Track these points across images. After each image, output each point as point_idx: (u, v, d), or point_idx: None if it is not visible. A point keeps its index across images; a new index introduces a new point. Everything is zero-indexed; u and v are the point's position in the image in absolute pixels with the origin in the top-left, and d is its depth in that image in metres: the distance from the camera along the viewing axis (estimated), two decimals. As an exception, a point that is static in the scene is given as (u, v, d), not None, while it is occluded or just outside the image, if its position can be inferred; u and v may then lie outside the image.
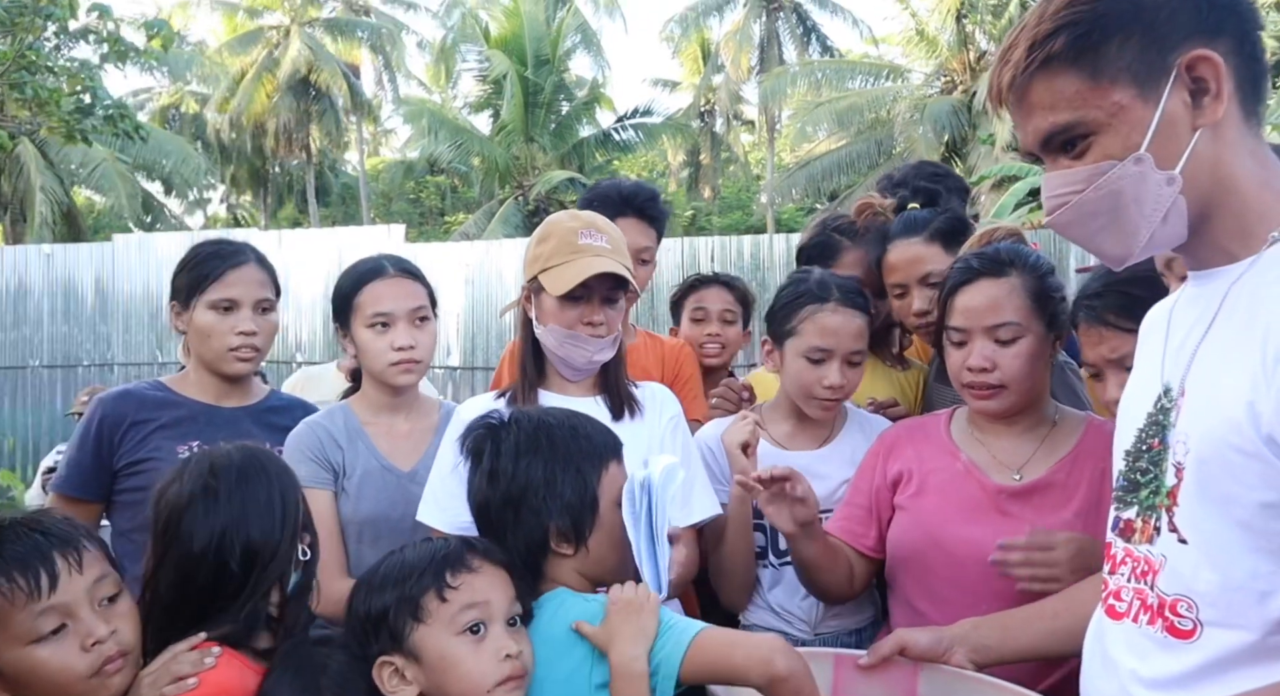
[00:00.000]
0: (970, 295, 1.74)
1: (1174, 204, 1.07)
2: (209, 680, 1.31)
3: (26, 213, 18.86)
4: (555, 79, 22.60)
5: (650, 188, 2.50)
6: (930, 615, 1.73)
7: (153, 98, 28.14)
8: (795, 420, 2.06)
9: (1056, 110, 1.09)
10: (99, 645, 1.28)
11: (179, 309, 2.15)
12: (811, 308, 1.96)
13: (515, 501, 1.44)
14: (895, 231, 2.18)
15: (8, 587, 1.25)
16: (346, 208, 29.92)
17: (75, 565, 1.30)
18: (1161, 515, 1.11)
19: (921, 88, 20.01)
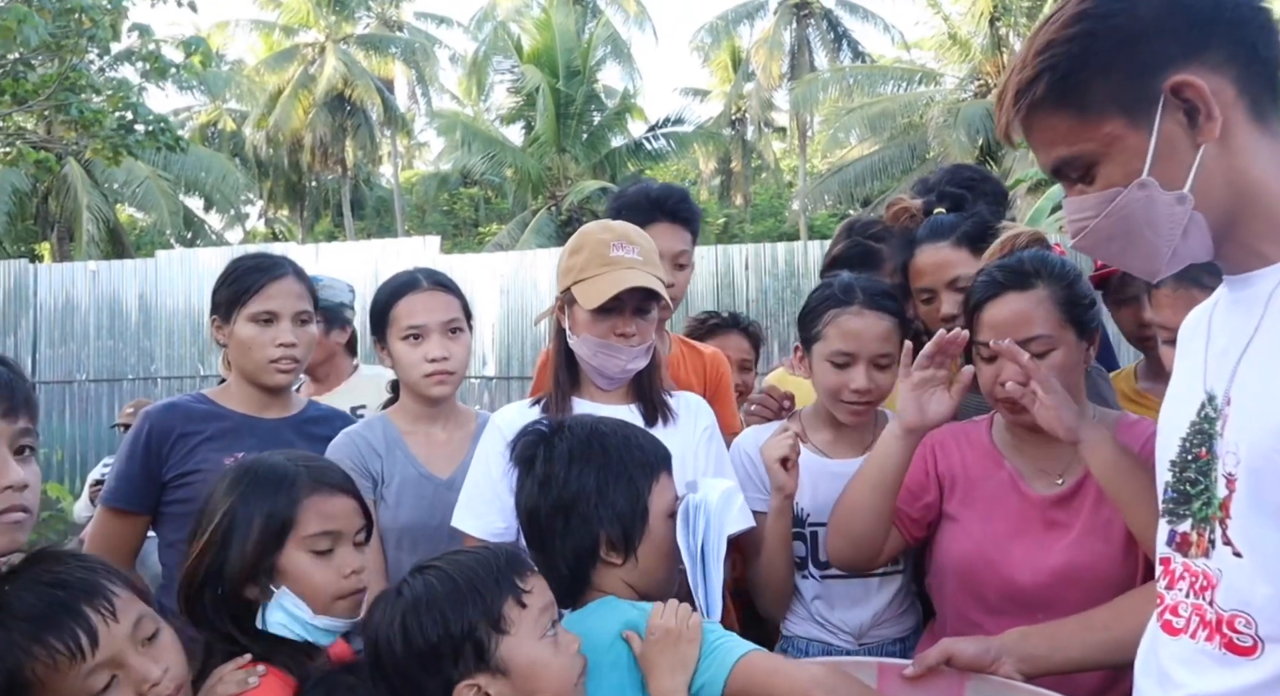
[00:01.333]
0: (997, 309, 1.71)
1: (1191, 220, 1.06)
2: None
3: (74, 231, 19.32)
4: (586, 90, 22.73)
5: (679, 188, 2.47)
6: (985, 625, 1.70)
7: (192, 116, 28.69)
8: (835, 427, 2.04)
9: (1055, 146, 1.12)
10: (155, 688, 1.24)
11: (220, 322, 2.18)
12: (835, 311, 1.94)
13: (566, 508, 1.45)
14: (922, 236, 2.17)
15: (47, 656, 1.17)
16: (381, 220, 30.26)
17: (109, 613, 1.23)
18: (1215, 527, 1.08)
19: (955, 92, 19.83)
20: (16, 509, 1.23)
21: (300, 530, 1.41)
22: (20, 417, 1.25)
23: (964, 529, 1.78)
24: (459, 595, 1.30)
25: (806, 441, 2.01)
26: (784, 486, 1.85)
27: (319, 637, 1.43)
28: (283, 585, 1.40)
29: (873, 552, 1.83)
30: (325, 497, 1.45)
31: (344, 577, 1.43)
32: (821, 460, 2.01)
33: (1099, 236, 1.11)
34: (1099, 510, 1.67)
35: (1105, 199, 1.08)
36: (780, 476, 1.85)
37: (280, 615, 1.40)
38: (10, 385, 1.25)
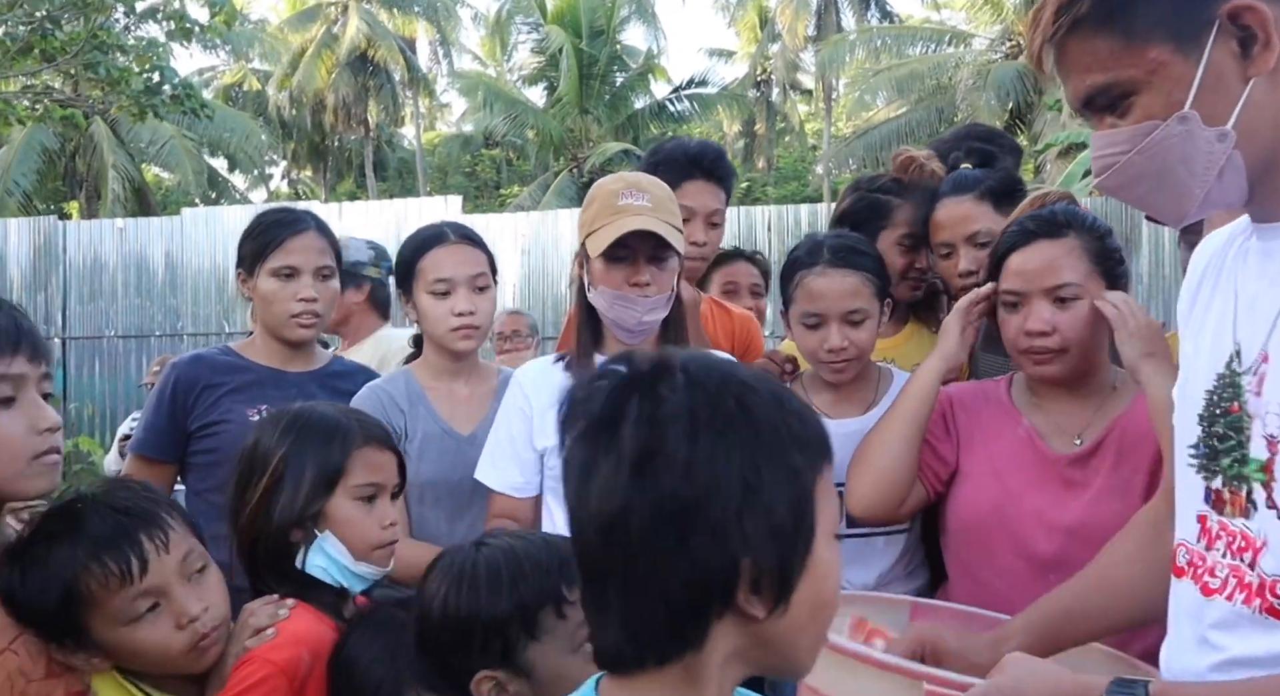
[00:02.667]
0: (1026, 256, 1.69)
1: (1229, 160, 1.01)
2: (286, 628, 1.37)
3: (100, 190, 19.48)
4: (610, 50, 22.48)
5: (715, 146, 2.42)
6: (994, 586, 1.70)
7: (216, 76, 28.67)
8: (836, 388, 2.03)
9: (1092, 72, 1.04)
10: (194, 623, 1.31)
11: (244, 276, 2.20)
12: (801, 273, 1.94)
13: (688, 512, 0.77)
14: (945, 189, 2.13)
15: (101, 574, 1.26)
16: (404, 182, 30.24)
17: (162, 545, 1.31)
18: (1254, 488, 1.05)
19: (985, 53, 19.45)
20: (53, 451, 1.29)
21: (349, 479, 1.46)
22: (42, 362, 1.30)
23: (978, 486, 1.78)
24: (498, 586, 1.23)
25: (809, 402, 1.99)
26: None
27: (354, 583, 1.48)
28: (326, 530, 1.45)
29: (899, 498, 1.80)
30: (374, 450, 1.50)
31: (382, 528, 1.48)
32: (824, 420, 1.97)
33: (1128, 174, 1.05)
34: (1118, 470, 1.66)
35: (1140, 132, 1.03)
36: None
37: (320, 558, 1.45)
38: (32, 332, 1.30)
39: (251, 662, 1.33)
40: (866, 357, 1.98)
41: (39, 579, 1.26)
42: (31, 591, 1.26)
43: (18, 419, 1.25)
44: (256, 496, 1.45)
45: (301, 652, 1.35)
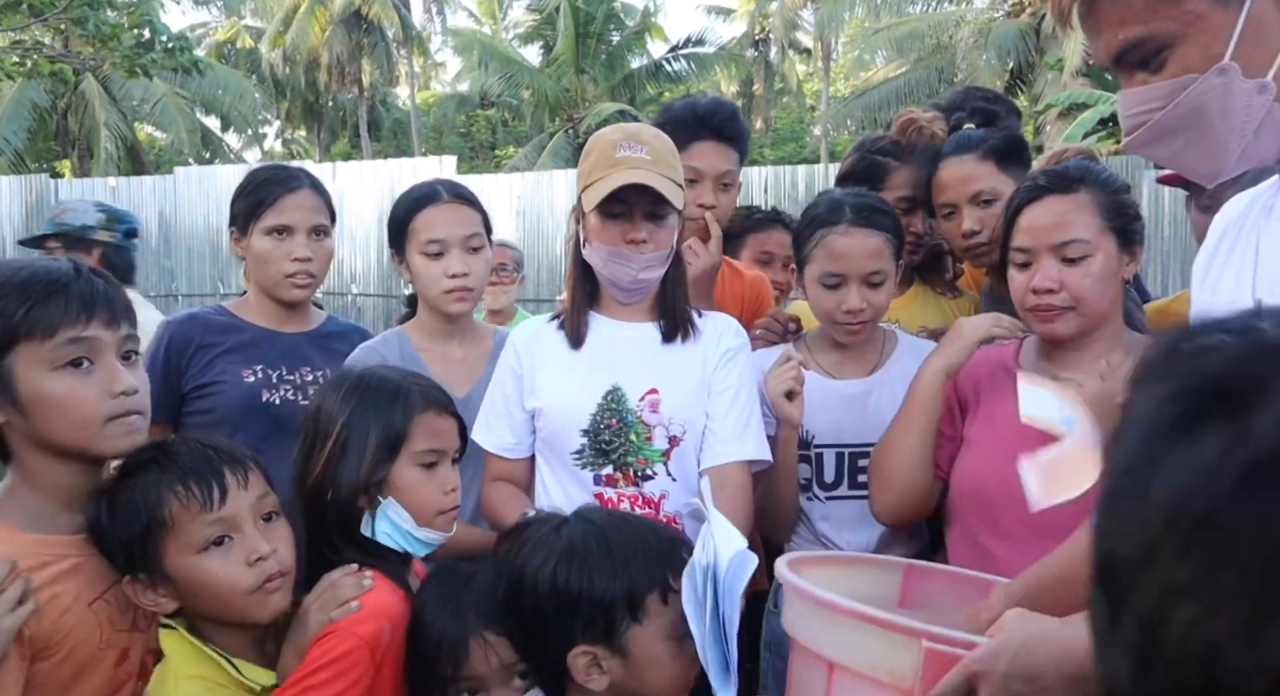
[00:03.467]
0: (1036, 213, 1.65)
1: (1269, 114, 0.98)
2: (369, 601, 1.36)
3: (93, 148, 19.27)
4: (607, 8, 22.16)
5: (729, 104, 2.31)
6: (995, 552, 1.68)
7: (209, 33, 28.26)
8: (840, 349, 2.00)
9: (1126, 25, 1.00)
10: (262, 561, 1.33)
11: (238, 235, 2.17)
12: (822, 231, 1.89)
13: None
14: (948, 149, 2.10)
15: (184, 495, 1.31)
16: (398, 142, 29.96)
17: (242, 481, 1.35)
18: None
19: (986, 11, 19.20)
20: (132, 412, 1.32)
21: (411, 445, 1.44)
22: (122, 325, 1.33)
23: (980, 451, 1.76)
24: (611, 565, 1.31)
25: (812, 363, 1.98)
26: (790, 418, 1.83)
27: (418, 549, 1.47)
28: (390, 497, 1.44)
29: (924, 503, 1.80)
30: (435, 416, 1.48)
31: (444, 494, 1.47)
32: (828, 382, 1.98)
33: (1162, 130, 1.01)
34: None
35: (1177, 87, 0.99)
36: (785, 409, 1.82)
37: (385, 525, 1.44)
38: (109, 295, 1.33)
39: (336, 635, 1.32)
40: (879, 320, 1.96)
41: (126, 506, 1.32)
42: (119, 519, 1.31)
43: (93, 382, 1.29)
44: (321, 463, 1.44)
45: (384, 625, 1.35)
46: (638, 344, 1.85)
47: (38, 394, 1.27)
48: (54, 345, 1.26)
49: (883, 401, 1.94)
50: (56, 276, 1.29)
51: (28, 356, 1.26)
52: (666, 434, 1.79)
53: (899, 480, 1.79)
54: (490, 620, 1.39)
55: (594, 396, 1.79)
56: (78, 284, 1.29)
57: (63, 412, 1.28)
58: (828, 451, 1.97)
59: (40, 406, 1.27)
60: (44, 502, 1.33)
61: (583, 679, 1.30)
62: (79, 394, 1.28)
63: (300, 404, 2.11)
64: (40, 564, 1.28)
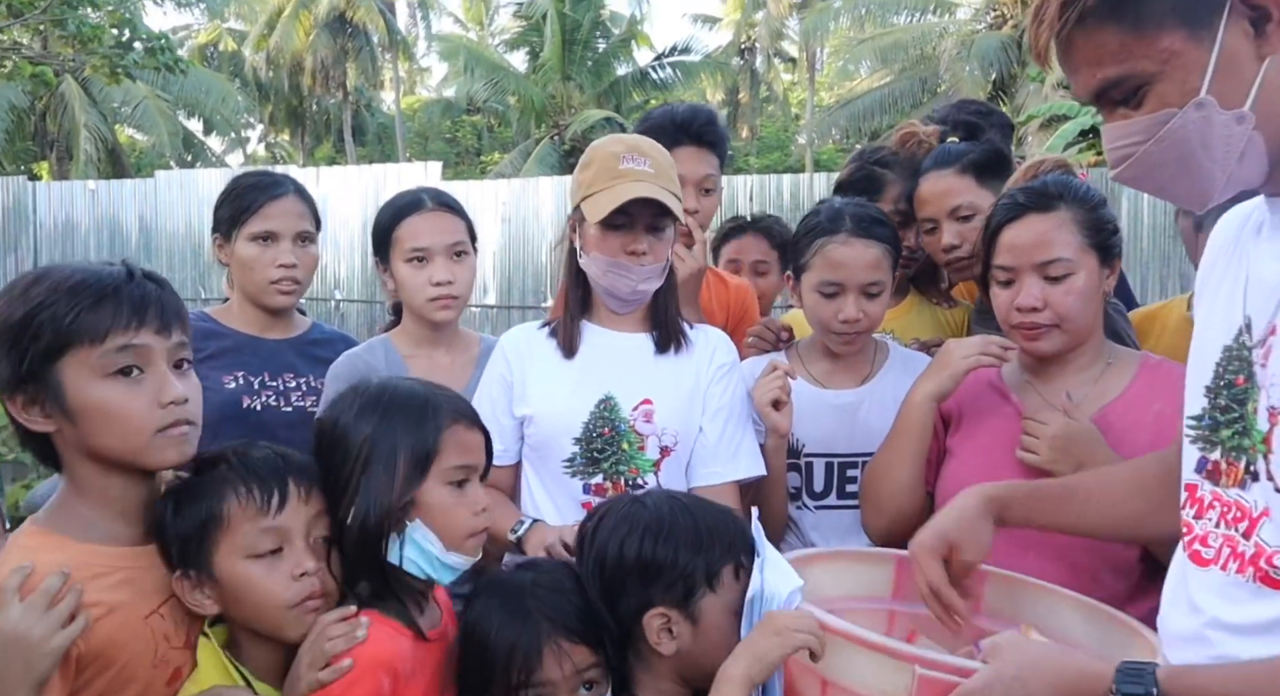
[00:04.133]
0: (1017, 231, 1.67)
1: (1249, 142, 1.00)
2: (363, 655, 1.27)
3: (72, 150, 19.09)
4: (593, 16, 22.19)
5: (707, 110, 2.34)
6: None
7: (191, 35, 28.11)
8: (832, 358, 2.01)
9: (1103, 65, 1.03)
10: (307, 577, 1.30)
11: (221, 241, 2.16)
12: (821, 240, 1.90)
13: None
14: (927, 164, 2.11)
15: (244, 496, 1.30)
16: (383, 147, 29.88)
17: (304, 494, 1.33)
18: (1256, 459, 1.05)
19: (969, 23, 19.36)
20: (182, 423, 1.29)
21: (441, 462, 1.35)
22: (174, 332, 1.30)
23: (962, 463, 1.78)
24: (697, 538, 1.38)
25: (803, 373, 1.99)
26: (777, 427, 1.84)
27: (443, 575, 1.38)
28: (416, 519, 1.35)
29: (915, 522, 1.77)
30: (465, 429, 1.39)
31: (475, 514, 1.38)
32: (818, 391, 1.99)
33: (1147, 164, 1.04)
34: (1116, 449, 1.63)
35: (1157, 122, 1.01)
36: (774, 419, 1.82)
37: (412, 550, 1.35)
38: (161, 301, 1.29)
39: None
40: (874, 330, 1.97)
41: (190, 501, 1.31)
42: (183, 513, 1.30)
43: (143, 392, 1.25)
44: (344, 485, 1.34)
45: (380, 680, 1.28)
46: (631, 354, 1.86)
47: (86, 402, 1.24)
48: (103, 352, 1.23)
49: (873, 412, 1.96)
50: (108, 281, 1.26)
51: (77, 363, 1.23)
52: (659, 444, 1.80)
53: (892, 506, 1.80)
54: (563, 627, 1.38)
55: (586, 404, 1.80)
56: (129, 288, 1.26)
57: (111, 422, 1.24)
58: (817, 461, 1.98)
59: (88, 415, 1.24)
60: (97, 512, 1.30)
61: (655, 640, 1.36)
62: (128, 404, 1.25)
63: (282, 410, 2.11)
64: (94, 574, 1.25)
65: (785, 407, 1.83)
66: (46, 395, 1.24)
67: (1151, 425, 1.63)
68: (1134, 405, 1.67)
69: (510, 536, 1.72)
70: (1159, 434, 1.60)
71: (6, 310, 1.25)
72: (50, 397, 1.24)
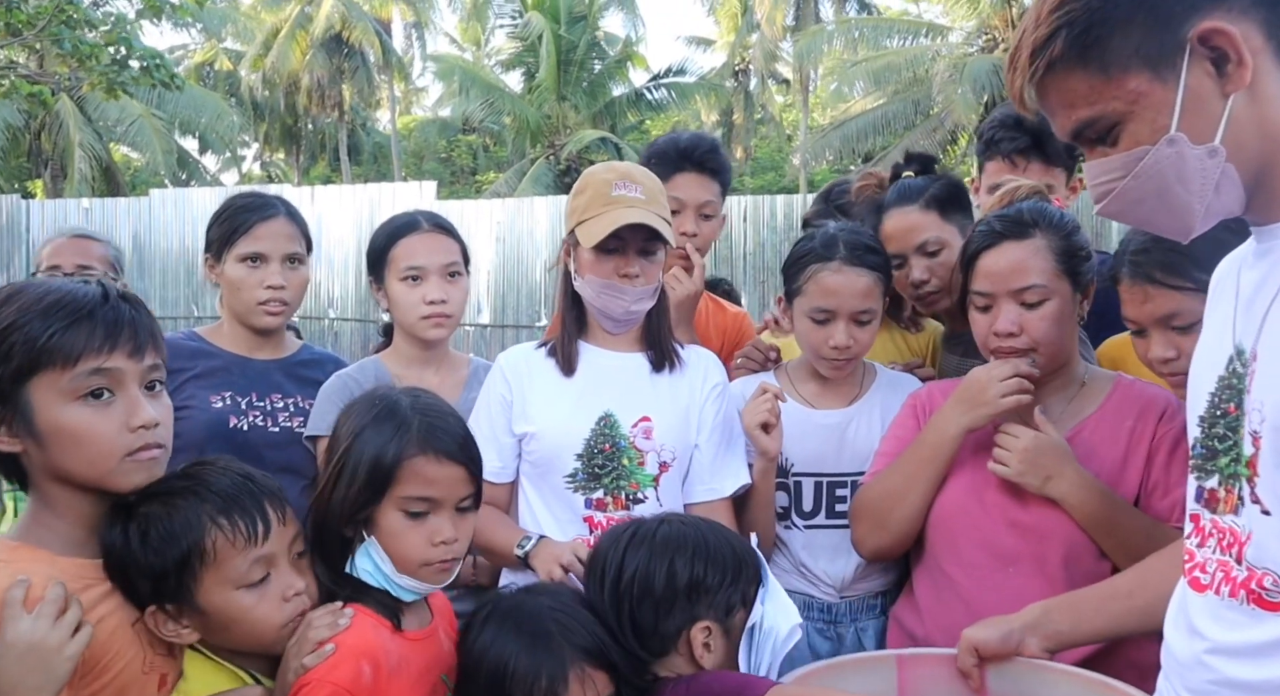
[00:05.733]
0: (994, 258, 1.71)
1: (1223, 173, 1.03)
2: (345, 641, 1.30)
3: (66, 168, 19.11)
4: (589, 37, 22.37)
5: (709, 139, 2.41)
6: (957, 578, 1.73)
7: (187, 55, 28.24)
8: (821, 380, 2.04)
9: (1076, 108, 1.08)
10: (298, 597, 1.32)
11: (212, 261, 2.16)
12: (815, 266, 1.93)
13: None
14: (889, 201, 2.14)
15: (230, 530, 1.27)
16: (378, 166, 29.97)
17: (281, 517, 1.33)
18: (1243, 485, 1.07)
19: (961, 46, 19.54)
20: (152, 446, 1.28)
21: (397, 489, 1.36)
22: (148, 354, 1.28)
23: (950, 481, 1.79)
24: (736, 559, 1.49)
25: (792, 393, 2.02)
26: (766, 450, 1.86)
27: (400, 594, 1.40)
28: (372, 535, 1.37)
29: (910, 542, 1.83)
30: (430, 461, 1.37)
31: (433, 546, 1.37)
32: (807, 411, 2.01)
33: (1127, 199, 1.08)
34: (1087, 463, 1.68)
35: (1133, 159, 1.05)
36: (763, 442, 1.85)
37: (366, 563, 1.38)
38: (135, 323, 1.27)
39: (311, 686, 1.27)
40: (863, 356, 2.00)
41: (161, 533, 1.26)
42: (151, 547, 1.26)
43: (113, 416, 1.24)
44: (324, 482, 1.39)
45: (361, 666, 1.30)
46: (628, 372, 1.91)
47: (55, 425, 1.22)
48: (74, 375, 1.21)
49: (861, 432, 1.99)
50: (83, 302, 1.24)
51: (47, 385, 1.21)
52: (658, 459, 1.86)
53: (901, 529, 1.81)
54: (586, 652, 1.39)
55: (587, 422, 1.85)
56: (104, 310, 1.24)
57: (79, 446, 1.23)
58: (806, 480, 2.00)
59: (56, 438, 1.23)
60: (71, 529, 1.29)
61: (699, 653, 1.43)
62: (97, 427, 1.23)
63: (270, 430, 2.11)
64: (84, 586, 1.25)
65: (774, 430, 1.86)
66: (15, 416, 1.22)
67: (1124, 441, 1.68)
68: (1106, 422, 1.72)
69: (517, 552, 1.75)
70: (1130, 449, 1.67)
71: None
72: (18, 418, 1.22)
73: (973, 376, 1.74)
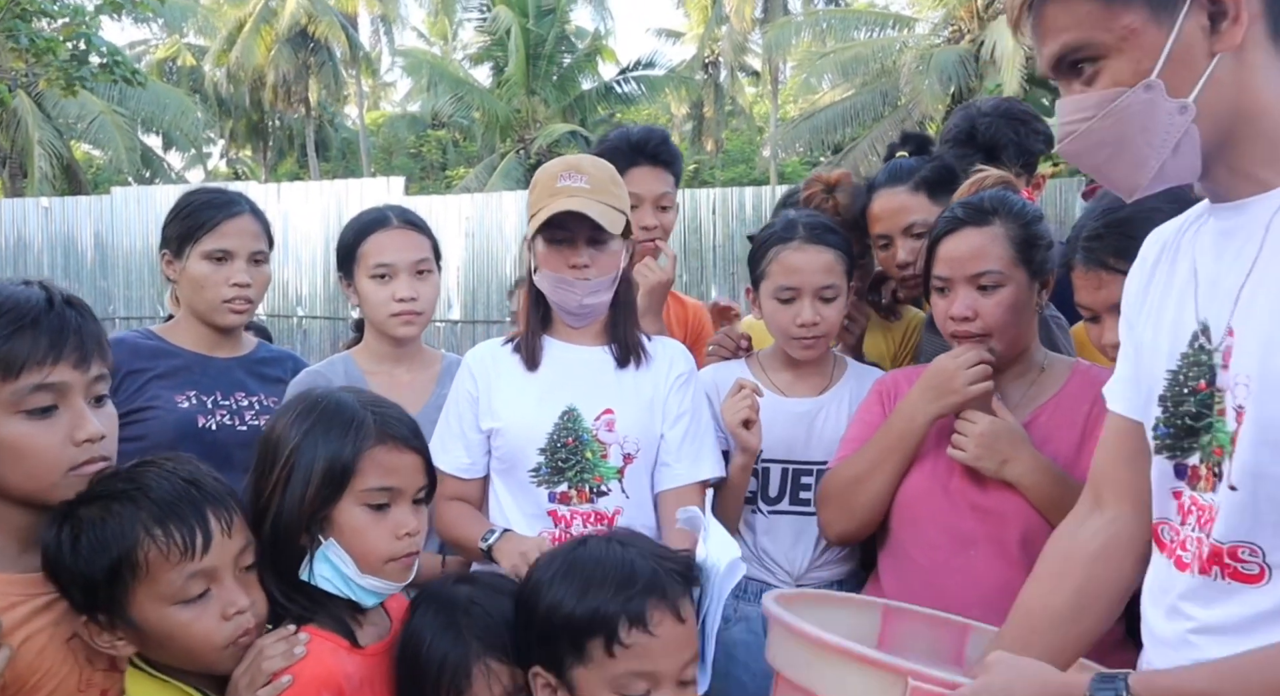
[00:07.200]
0: (953, 244, 1.74)
1: (1186, 134, 1.04)
2: (304, 672, 1.23)
3: (26, 167, 18.73)
4: (558, 30, 22.26)
5: (659, 130, 2.44)
6: (920, 560, 1.76)
7: (149, 50, 27.79)
8: (793, 368, 2.06)
9: (1067, 31, 1.07)
10: (240, 615, 1.23)
11: (170, 257, 2.13)
12: (777, 248, 1.96)
13: None
14: (880, 181, 2.15)
15: (163, 541, 1.18)
16: (347, 163, 29.70)
17: (226, 527, 1.23)
18: (1223, 461, 1.08)
19: (928, 37, 19.66)
20: (97, 460, 1.23)
21: (358, 483, 1.30)
22: (93, 364, 1.22)
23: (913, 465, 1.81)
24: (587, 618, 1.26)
25: (764, 381, 2.03)
26: (748, 446, 1.87)
27: (362, 597, 1.34)
28: (330, 537, 1.31)
29: (875, 526, 1.85)
30: (390, 450, 1.32)
31: (397, 538, 1.32)
32: (779, 399, 2.02)
33: (1090, 140, 1.08)
34: (1044, 447, 1.70)
35: (1106, 98, 1.06)
36: (744, 438, 1.86)
37: (326, 568, 1.31)
38: (81, 331, 1.21)
39: None
40: (832, 336, 2.02)
41: (92, 541, 1.19)
42: (81, 554, 1.19)
43: (56, 429, 1.19)
44: (268, 492, 1.31)
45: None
46: (592, 366, 1.91)
47: None
48: (16, 389, 1.15)
49: (829, 421, 2.01)
50: (25, 309, 1.17)
51: None
52: (621, 451, 1.85)
53: (866, 513, 1.83)
54: (493, 647, 1.35)
55: (550, 416, 1.85)
56: (48, 318, 1.18)
57: (21, 460, 1.17)
58: (774, 467, 2.02)
59: None
60: (4, 544, 1.23)
61: None
62: (39, 440, 1.17)
63: (238, 429, 2.08)
64: (10, 604, 1.20)
65: (755, 426, 1.87)
66: None
67: (1081, 424, 1.71)
68: (1064, 406, 1.75)
69: (480, 545, 1.75)
70: (1086, 433, 1.69)
71: None
72: None
73: (938, 364, 1.75)
